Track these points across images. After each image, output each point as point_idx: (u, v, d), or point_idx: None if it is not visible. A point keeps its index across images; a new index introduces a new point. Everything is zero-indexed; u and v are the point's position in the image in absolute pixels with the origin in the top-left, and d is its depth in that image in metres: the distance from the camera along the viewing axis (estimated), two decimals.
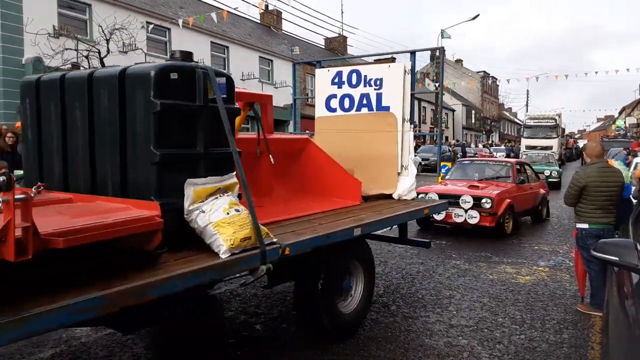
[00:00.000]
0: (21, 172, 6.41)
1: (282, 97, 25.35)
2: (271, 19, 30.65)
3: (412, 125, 5.46)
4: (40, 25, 13.67)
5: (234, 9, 19.62)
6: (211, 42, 21.19)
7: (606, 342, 2.72)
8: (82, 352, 3.86)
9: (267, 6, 23.04)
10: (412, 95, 5.48)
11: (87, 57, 13.38)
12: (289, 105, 25.59)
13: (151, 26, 17.54)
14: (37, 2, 14.28)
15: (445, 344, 4.11)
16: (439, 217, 8.47)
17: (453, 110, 53.84)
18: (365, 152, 5.50)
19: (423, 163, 25.19)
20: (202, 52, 20.32)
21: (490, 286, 5.78)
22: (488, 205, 8.15)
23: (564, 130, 34.74)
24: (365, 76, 5.66)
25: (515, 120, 78.61)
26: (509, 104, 73.70)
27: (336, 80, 5.90)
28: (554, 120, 29.37)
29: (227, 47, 22.19)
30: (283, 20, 31.91)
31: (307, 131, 21.02)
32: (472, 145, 40.41)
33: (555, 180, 16.92)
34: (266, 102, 5.63)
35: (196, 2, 24.23)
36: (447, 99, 53.10)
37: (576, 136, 71.51)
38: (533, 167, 15.51)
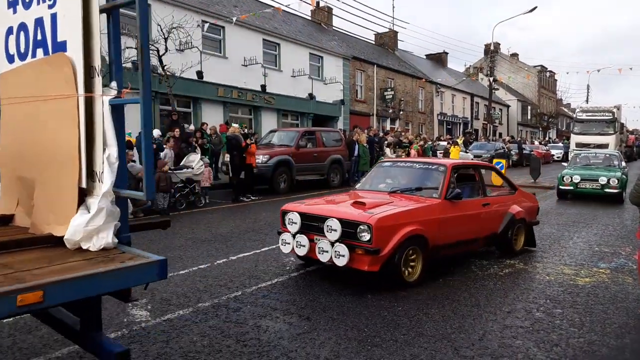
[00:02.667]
0: None
1: (331, 94, 25.42)
2: (322, 15, 30.76)
3: (116, 86, 2.90)
4: (103, 25, 14.30)
5: (286, 6, 19.85)
6: (263, 39, 21.52)
7: None
8: (142, 337, 4.05)
9: (318, 3, 23.15)
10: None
11: None
12: (338, 102, 25.65)
13: (207, 25, 18.01)
14: (101, 3, 14.96)
15: (499, 344, 4.02)
16: (300, 251, 5.49)
17: (507, 106, 52.17)
18: (38, 143, 2.98)
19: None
20: (254, 50, 20.68)
21: (547, 287, 5.59)
22: (365, 238, 5.05)
23: (623, 125, 30.42)
24: None
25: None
26: (568, 99, 70.48)
27: None
28: (611, 114, 25.06)
29: (279, 44, 22.46)
30: (333, 16, 31.97)
31: (356, 127, 20.76)
32: (527, 142, 38.95)
33: (615, 191, 12.54)
34: None
35: (249, 1, 24.67)
36: (502, 94, 51.52)
37: None
38: (582, 172, 13.10)
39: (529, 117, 57.67)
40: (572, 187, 12.96)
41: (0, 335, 4.04)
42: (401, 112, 32.24)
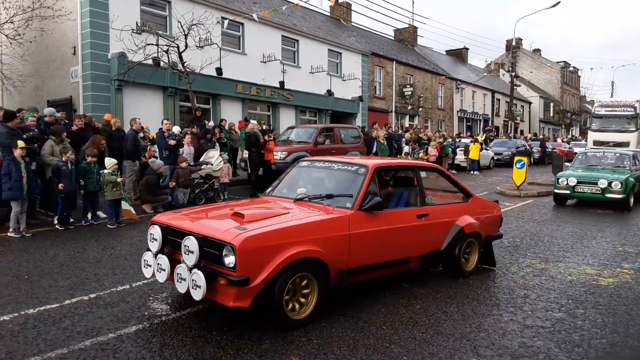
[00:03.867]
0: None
1: (349, 90, 25.35)
2: (341, 11, 30.65)
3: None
4: (124, 22, 14.50)
5: (305, 1, 19.81)
6: (282, 35, 21.54)
7: None
8: (165, 330, 4.10)
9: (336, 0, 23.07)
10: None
11: (166, 52, 14.04)
12: (357, 98, 25.56)
13: (226, 21, 18.09)
14: (122, 0, 15.16)
15: (520, 344, 3.97)
16: (161, 276, 4.32)
17: (529, 103, 51.38)
18: None
19: (496, 158, 24.34)
20: (273, 46, 20.72)
21: (569, 287, 5.50)
22: (229, 263, 3.86)
23: None
24: None
25: None
26: (592, 96, 69.11)
27: None
28: (632, 109, 22.47)
29: (297, 41, 22.46)
30: (353, 12, 31.83)
31: (375, 124, 20.71)
32: (550, 140, 38.27)
33: (618, 197, 10.83)
34: None
35: None
36: (524, 90, 50.73)
37: None
38: (580, 174, 11.52)
39: (551, 114, 56.71)
40: (568, 192, 11.48)
41: (26, 327, 4.13)
42: (420, 109, 32.00)
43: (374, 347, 3.87)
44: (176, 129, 11.69)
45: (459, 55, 45.22)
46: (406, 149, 18.39)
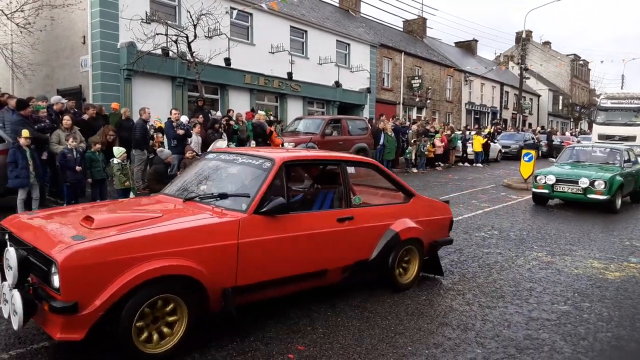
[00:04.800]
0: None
1: (357, 82, 25.26)
2: (350, 2, 30.46)
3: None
4: (134, 11, 14.51)
5: None
6: (290, 26, 21.45)
7: None
8: None
9: None
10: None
11: (175, 42, 14.05)
12: (365, 90, 25.47)
13: (235, 11, 18.05)
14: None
15: (525, 336, 4.00)
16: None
17: (538, 96, 50.96)
18: None
19: (503, 151, 24.22)
20: (281, 37, 20.66)
21: (575, 280, 5.51)
22: (56, 284, 3.07)
23: None
24: None
25: None
26: (602, 89, 68.41)
27: None
28: None
29: (306, 31, 22.36)
30: (362, 3, 31.62)
31: (382, 116, 20.70)
32: (558, 133, 37.98)
33: (601, 198, 9.56)
34: None
35: None
36: (532, 83, 50.31)
37: None
38: (559, 171, 10.40)
39: (560, 108, 56.23)
40: (547, 191, 10.23)
41: None
42: (428, 101, 31.83)
43: (379, 336, 3.91)
44: (184, 119, 11.72)
45: (468, 47, 44.84)
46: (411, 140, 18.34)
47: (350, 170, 5.23)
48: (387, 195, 5.59)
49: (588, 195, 9.71)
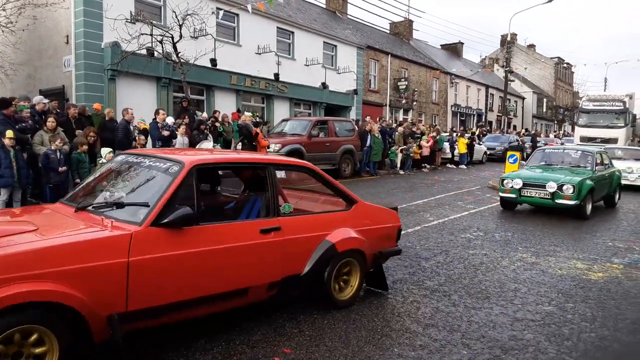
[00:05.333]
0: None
1: (344, 83, 25.30)
2: (337, 4, 30.52)
3: None
4: (118, 11, 14.35)
5: None
6: (277, 27, 21.41)
7: None
8: None
9: None
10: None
11: (161, 42, 13.93)
12: (351, 91, 25.52)
13: (221, 12, 17.97)
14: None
15: (510, 337, 4.02)
16: None
17: (523, 98, 51.55)
18: None
19: (489, 152, 24.44)
20: (268, 38, 20.61)
21: (559, 281, 5.56)
22: None
23: (635, 116, 24.65)
24: None
25: None
26: (585, 92, 69.43)
27: None
28: (622, 104, 21.40)
29: (293, 33, 22.34)
30: (348, 4, 31.70)
31: (368, 117, 20.81)
32: (542, 135, 38.44)
33: (569, 203, 9.05)
34: None
35: None
36: (517, 86, 50.91)
37: None
38: (527, 175, 9.84)
39: (544, 110, 56.95)
40: (514, 195, 9.69)
41: None
42: (414, 103, 31.99)
43: (365, 338, 3.90)
44: (170, 120, 11.63)
45: (453, 49, 45.20)
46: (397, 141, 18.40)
47: (280, 174, 4.77)
48: (328, 202, 5.03)
49: (556, 200, 9.18)
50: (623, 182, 13.17)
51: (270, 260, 3.97)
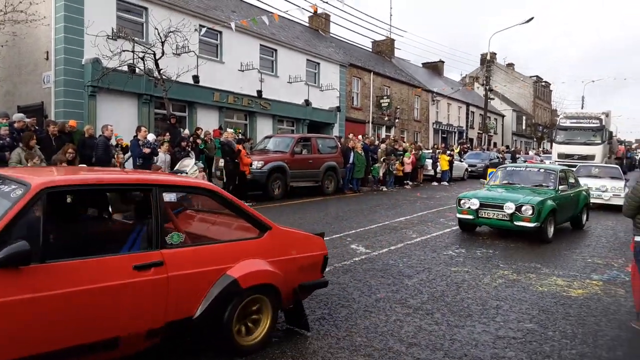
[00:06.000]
0: None
1: (327, 100, 25.47)
2: (319, 22, 30.86)
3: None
4: (99, 27, 14.30)
5: (285, 12, 19.90)
6: (260, 45, 21.53)
7: None
8: None
9: (316, 10, 23.21)
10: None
11: (142, 58, 13.89)
12: (334, 109, 25.69)
13: (204, 29, 18.02)
14: (98, 6, 14.96)
15: (492, 355, 4.01)
16: None
17: (503, 116, 52.46)
18: None
19: (470, 169, 24.73)
20: (251, 55, 20.70)
21: (540, 298, 5.59)
22: None
23: (611, 134, 25.02)
24: None
25: None
26: (563, 110, 71.03)
27: None
28: (598, 121, 21.79)
29: (276, 50, 22.48)
30: (331, 23, 32.08)
31: (351, 135, 20.90)
32: (522, 152, 39.08)
33: (529, 226, 8.37)
34: None
35: (247, 6, 24.71)
36: (497, 104, 51.83)
37: (634, 145, 67.90)
38: (484, 195, 9.09)
39: (523, 127, 58.00)
40: (471, 216, 9.01)
41: None
42: (397, 120, 32.32)
43: (349, 358, 3.86)
44: (151, 137, 11.54)
45: (435, 68, 45.94)
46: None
47: (170, 197, 4.27)
48: (240, 229, 4.25)
49: (515, 222, 8.51)
50: (596, 201, 13.18)
51: (148, 303, 3.28)
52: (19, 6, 14.00)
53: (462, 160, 25.28)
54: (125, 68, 14.15)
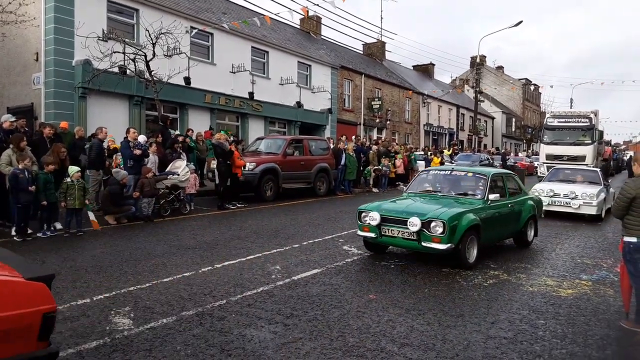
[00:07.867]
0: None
1: (319, 102, 25.51)
2: (311, 24, 30.92)
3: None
4: (90, 29, 14.23)
5: (276, 14, 19.92)
6: (252, 47, 21.53)
7: None
8: (125, 345, 3.99)
9: (308, 12, 23.26)
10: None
11: (133, 60, 13.83)
12: (326, 110, 25.73)
13: (195, 31, 17.98)
14: (88, 7, 14.88)
15: (483, 355, 4.04)
16: None
17: (492, 118, 52.83)
18: None
19: None
20: (242, 57, 20.69)
21: (530, 298, 5.64)
22: None
23: (601, 133, 23.56)
24: None
25: None
26: (551, 110, 71.76)
27: None
28: (587, 120, 20.53)
29: (267, 52, 22.49)
30: (322, 25, 32.15)
31: (343, 136, 21.01)
32: (512, 154, 39.37)
33: (438, 247, 6.38)
34: None
35: (238, 8, 24.71)
36: (487, 106, 52.20)
37: (621, 147, 68.70)
38: (388, 207, 6.99)
39: (513, 129, 58.46)
40: (374, 234, 6.97)
41: None
42: (388, 122, 32.45)
43: (342, 358, 3.87)
44: (142, 139, 11.49)
45: (425, 70, 46.18)
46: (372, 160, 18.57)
47: None
48: None
49: (423, 243, 6.51)
50: (562, 209, 11.86)
51: None
52: (8, 7, 13.88)
53: (453, 161, 25.40)
54: (116, 69, 14.09)
